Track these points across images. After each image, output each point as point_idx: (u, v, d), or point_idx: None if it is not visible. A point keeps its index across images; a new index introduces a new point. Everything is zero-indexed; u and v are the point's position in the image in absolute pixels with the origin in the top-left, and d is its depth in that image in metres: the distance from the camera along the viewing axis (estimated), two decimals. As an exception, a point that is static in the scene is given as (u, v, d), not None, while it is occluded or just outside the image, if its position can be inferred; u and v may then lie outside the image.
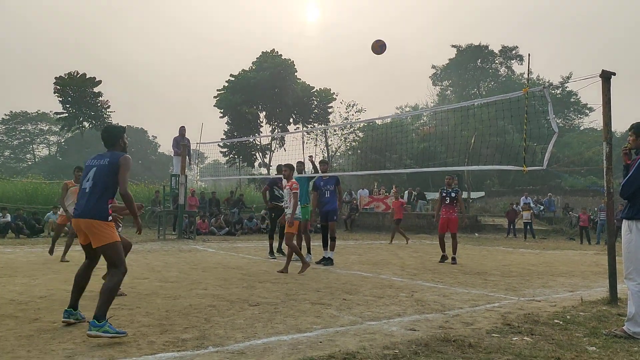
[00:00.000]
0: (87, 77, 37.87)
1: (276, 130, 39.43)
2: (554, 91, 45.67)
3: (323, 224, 9.60)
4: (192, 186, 21.75)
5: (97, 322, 3.63)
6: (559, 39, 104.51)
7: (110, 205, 4.13)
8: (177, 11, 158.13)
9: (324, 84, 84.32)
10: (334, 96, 41.10)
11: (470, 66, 55.15)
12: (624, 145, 4.56)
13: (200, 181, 28.48)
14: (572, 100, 50.73)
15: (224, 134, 38.27)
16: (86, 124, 39.72)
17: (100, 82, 38.45)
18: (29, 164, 59.76)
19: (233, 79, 38.22)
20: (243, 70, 38.99)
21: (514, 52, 53.29)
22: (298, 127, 40.33)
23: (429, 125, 41.65)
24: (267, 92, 37.92)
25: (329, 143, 39.94)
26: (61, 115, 39.03)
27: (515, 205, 22.78)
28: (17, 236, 14.55)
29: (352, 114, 40.61)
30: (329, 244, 9.35)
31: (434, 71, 58.87)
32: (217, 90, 38.56)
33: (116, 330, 3.69)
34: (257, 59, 39.47)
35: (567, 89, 48.65)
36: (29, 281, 6.45)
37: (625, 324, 4.20)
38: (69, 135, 50.14)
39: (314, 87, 41.03)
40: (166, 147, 64.17)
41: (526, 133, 7.67)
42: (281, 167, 10.12)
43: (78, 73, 37.55)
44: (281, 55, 39.49)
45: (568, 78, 45.64)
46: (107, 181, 4.06)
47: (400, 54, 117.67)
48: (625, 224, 4.34)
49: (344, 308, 5.15)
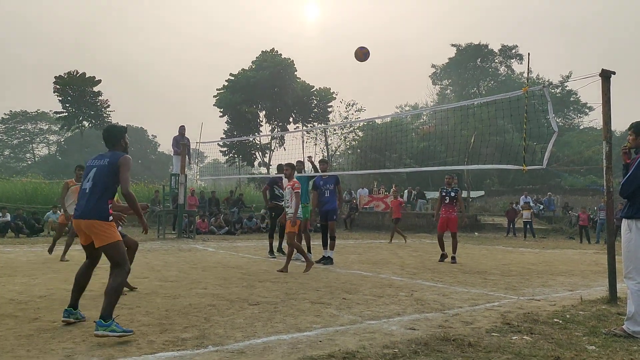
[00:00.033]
0: (87, 76, 37.84)
1: (276, 130, 39.43)
2: (553, 90, 45.67)
3: (323, 223, 9.60)
4: (191, 185, 21.74)
5: (103, 322, 3.64)
6: (558, 38, 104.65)
7: (110, 206, 4.13)
8: (176, 11, 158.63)
9: (324, 83, 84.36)
10: (333, 95, 41.13)
11: (470, 65, 55.11)
12: (623, 145, 4.56)
13: (200, 180, 28.49)
14: (571, 99, 50.74)
15: (223, 133, 38.27)
16: (86, 124, 39.72)
17: (99, 81, 38.44)
18: (29, 163, 59.76)
19: (233, 78, 38.20)
20: (243, 70, 38.96)
21: (513, 51, 53.25)
22: (298, 127, 40.35)
23: (428, 124, 41.64)
24: (266, 91, 37.90)
25: (329, 142, 39.98)
26: (61, 115, 39.02)
27: (515, 205, 22.79)
28: (17, 236, 14.57)
29: (352, 113, 40.68)
30: (328, 243, 9.35)
31: (433, 70, 58.93)
32: (217, 90, 38.56)
33: (123, 329, 3.71)
34: (256, 58, 39.45)
35: (567, 88, 48.65)
36: (29, 280, 6.46)
37: (624, 323, 4.21)
38: (69, 134, 50.19)
39: (313, 87, 41.04)
40: (166, 147, 64.25)
41: (526, 132, 7.66)
42: (282, 166, 10.12)
43: (78, 72, 37.54)
44: (281, 54, 39.48)
45: (568, 77, 45.68)
46: (107, 181, 4.05)
47: (400, 53, 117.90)
48: (624, 223, 4.35)
49: (343, 307, 5.16)
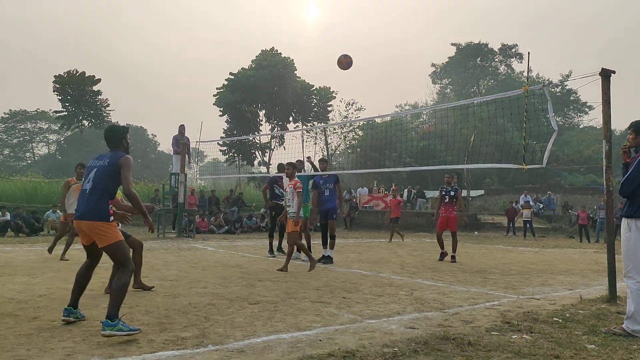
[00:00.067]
0: (87, 75, 37.80)
1: (276, 129, 39.42)
2: (553, 89, 45.63)
3: (323, 222, 9.60)
4: (191, 185, 21.72)
5: (110, 322, 3.64)
6: (558, 37, 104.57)
7: (112, 206, 4.13)
8: (176, 11, 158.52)
9: (324, 82, 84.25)
10: (333, 94, 41.10)
11: (470, 64, 55.13)
12: (623, 144, 4.56)
13: (200, 180, 28.41)
14: (571, 98, 50.79)
15: (223, 133, 38.26)
16: (86, 123, 39.70)
17: (99, 80, 38.41)
18: (29, 162, 59.74)
19: (232, 77, 38.17)
20: (242, 69, 38.93)
21: (513, 50, 53.30)
22: (297, 126, 40.33)
23: (428, 123, 41.66)
24: (266, 90, 37.88)
25: (329, 141, 39.99)
26: (61, 114, 38.99)
27: (514, 204, 22.79)
28: (17, 235, 14.56)
29: (352, 113, 40.67)
30: (328, 242, 9.36)
31: (433, 69, 58.93)
32: (217, 89, 38.54)
33: (130, 328, 3.71)
34: (256, 57, 39.41)
35: (567, 87, 48.66)
36: (29, 280, 6.46)
37: (624, 322, 4.21)
38: (69, 133, 50.17)
39: (313, 86, 41.01)
40: (166, 146, 64.19)
41: (526, 131, 7.65)
42: (283, 165, 10.10)
43: (77, 71, 37.49)
44: (280, 53, 39.45)
45: (568, 76, 45.63)
46: (107, 182, 4.05)
47: (400, 53, 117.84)
48: (624, 222, 4.35)
49: (343, 306, 5.16)
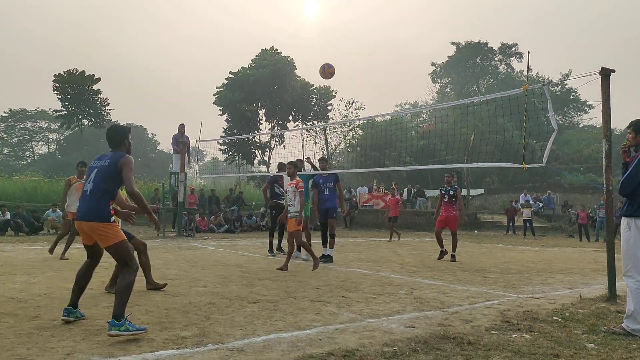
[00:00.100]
0: (86, 74, 37.74)
1: (275, 128, 39.40)
2: (553, 88, 45.64)
3: (322, 221, 9.60)
4: (191, 184, 21.72)
5: (116, 322, 3.65)
6: (558, 36, 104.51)
7: (113, 206, 4.12)
8: (176, 15, 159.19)
9: (323, 81, 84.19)
10: (333, 93, 41.07)
11: (469, 63, 55.13)
12: (623, 143, 4.56)
13: (200, 179, 28.45)
14: (571, 97, 50.75)
15: (223, 132, 38.23)
16: (85, 122, 39.60)
17: (99, 79, 38.30)
18: (28, 161, 59.73)
19: (232, 76, 38.14)
20: (242, 68, 38.89)
21: (513, 49, 53.28)
22: (297, 125, 40.31)
23: (428, 122, 41.67)
24: (266, 89, 37.84)
25: (328, 140, 39.98)
26: (60, 113, 38.89)
27: (514, 203, 22.78)
28: (17, 234, 14.56)
29: (352, 112, 40.65)
30: (328, 241, 9.36)
31: (433, 68, 58.94)
32: (217, 88, 38.50)
33: (136, 327, 3.71)
34: (256, 56, 39.38)
35: (567, 86, 48.70)
36: (29, 279, 6.46)
37: (624, 321, 4.21)
38: (68, 132, 50.11)
39: (313, 85, 40.96)
40: (165, 145, 64.20)
41: (525, 130, 7.66)
42: (283, 164, 10.10)
43: (77, 70, 37.42)
44: (280, 52, 39.42)
45: (567, 75, 45.71)
46: (107, 182, 4.05)
47: (399, 52, 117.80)
48: (624, 221, 4.35)
49: (343, 305, 5.16)
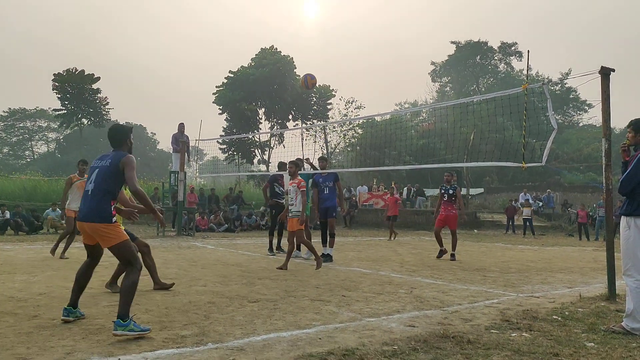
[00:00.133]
0: (86, 73, 37.70)
1: (275, 127, 39.37)
2: (553, 88, 45.68)
3: (322, 220, 9.60)
4: (191, 183, 21.72)
5: (121, 322, 3.66)
6: (558, 35, 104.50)
7: (114, 206, 4.12)
8: (176, 15, 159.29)
9: (323, 81, 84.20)
10: (333, 93, 41.04)
11: (469, 63, 55.08)
12: (622, 142, 4.56)
13: (200, 178, 28.45)
14: (571, 96, 50.72)
15: (223, 131, 38.21)
16: (85, 121, 39.56)
17: (98, 78, 38.26)
18: (28, 161, 59.72)
19: (232, 75, 38.11)
20: (242, 67, 38.85)
21: (513, 48, 53.22)
22: (297, 124, 40.28)
23: (428, 121, 41.66)
24: (266, 88, 37.81)
25: (328, 140, 39.93)
26: (60, 112, 38.87)
27: (514, 202, 22.77)
28: (16, 233, 14.57)
29: (352, 111, 40.60)
30: (328, 240, 9.36)
31: (433, 68, 58.89)
32: (216, 87, 38.46)
33: (141, 327, 3.72)
34: (256, 55, 39.35)
35: (567, 85, 48.70)
36: (28, 278, 6.46)
37: (623, 320, 4.22)
38: (68, 132, 50.06)
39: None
40: (165, 144, 64.26)
41: (525, 129, 7.67)
42: (284, 164, 10.09)
43: (77, 70, 37.39)
44: (280, 51, 39.39)
45: (567, 74, 45.56)
46: (109, 182, 4.04)
47: (399, 52, 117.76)
48: (623, 220, 4.35)
49: (343, 304, 5.16)
